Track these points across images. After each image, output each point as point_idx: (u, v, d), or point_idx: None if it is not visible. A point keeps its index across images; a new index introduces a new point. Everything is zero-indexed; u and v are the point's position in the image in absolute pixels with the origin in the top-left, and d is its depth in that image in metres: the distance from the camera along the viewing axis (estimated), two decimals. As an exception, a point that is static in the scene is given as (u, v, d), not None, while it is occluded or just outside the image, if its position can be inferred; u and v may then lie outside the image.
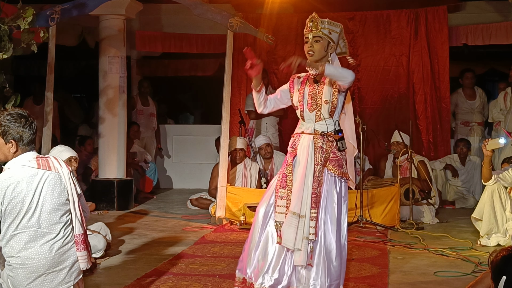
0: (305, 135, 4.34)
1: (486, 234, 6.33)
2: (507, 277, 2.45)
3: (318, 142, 4.27)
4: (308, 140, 4.29)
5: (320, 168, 4.23)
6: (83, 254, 3.66)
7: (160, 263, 5.55)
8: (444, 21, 9.56)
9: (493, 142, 6.10)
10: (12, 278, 3.58)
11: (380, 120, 9.63)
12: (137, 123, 10.12)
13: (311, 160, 4.24)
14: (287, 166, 4.34)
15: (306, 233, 4.16)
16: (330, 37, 4.32)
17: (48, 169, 3.62)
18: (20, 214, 3.53)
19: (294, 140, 4.40)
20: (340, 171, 4.29)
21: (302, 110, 4.37)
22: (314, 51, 4.31)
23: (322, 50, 4.32)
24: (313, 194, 4.20)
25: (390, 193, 7.41)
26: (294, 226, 4.16)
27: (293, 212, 4.19)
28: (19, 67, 12.38)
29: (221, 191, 7.42)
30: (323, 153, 4.25)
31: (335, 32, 4.35)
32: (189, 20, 10.16)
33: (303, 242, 4.14)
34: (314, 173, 4.21)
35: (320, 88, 4.33)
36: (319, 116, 4.30)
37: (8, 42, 5.94)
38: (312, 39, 4.32)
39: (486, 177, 6.27)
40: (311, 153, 4.25)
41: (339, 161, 4.30)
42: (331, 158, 4.27)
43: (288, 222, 4.19)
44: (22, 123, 3.60)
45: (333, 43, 4.35)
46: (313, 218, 4.18)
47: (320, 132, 4.29)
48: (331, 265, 4.20)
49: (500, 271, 2.48)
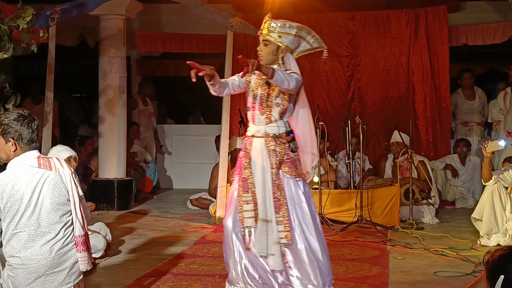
0: (256, 138, 4.27)
1: (486, 234, 6.33)
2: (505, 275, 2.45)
3: (271, 145, 4.21)
4: (261, 143, 4.23)
5: (276, 171, 4.18)
6: (83, 255, 3.67)
7: (160, 263, 5.55)
8: (444, 21, 9.55)
9: (493, 144, 6.08)
10: (12, 278, 3.58)
11: (380, 120, 9.63)
12: (138, 123, 10.12)
13: (267, 164, 4.19)
14: (244, 170, 4.25)
15: (276, 237, 4.12)
16: (280, 41, 4.25)
17: (49, 169, 3.63)
18: (19, 212, 3.54)
19: (245, 144, 4.33)
20: (296, 172, 4.24)
21: (253, 112, 4.31)
22: (262, 55, 4.29)
23: (271, 55, 4.27)
24: (274, 199, 4.15)
25: (390, 193, 7.41)
26: (264, 233, 4.14)
27: (262, 219, 4.16)
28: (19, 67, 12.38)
29: (221, 191, 7.41)
30: (277, 156, 4.20)
31: (288, 34, 4.27)
32: (189, 20, 10.16)
33: (274, 247, 4.11)
34: (271, 178, 4.17)
35: (271, 90, 4.27)
36: (270, 118, 4.24)
37: (8, 42, 5.94)
38: (262, 42, 4.29)
39: (486, 178, 6.27)
40: (266, 157, 4.20)
41: (294, 162, 4.25)
42: (286, 160, 4.22)
43: (259, 230, 4.16)
44: (20, 122, 3.62)
45: (285, 47, 4.28)
46: (280, 223, 4.13)
47: (271, 134, 4.22)
48: (320, 263, 4.17)
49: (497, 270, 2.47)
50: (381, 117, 9.66)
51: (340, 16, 9.77)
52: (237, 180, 4.30)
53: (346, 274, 5.22)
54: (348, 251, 6.06)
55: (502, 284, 2.44)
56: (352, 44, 9.71)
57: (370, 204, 7.28)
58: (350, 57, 9.72)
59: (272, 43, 4.26)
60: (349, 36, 9.72)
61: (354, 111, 8.92)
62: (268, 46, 4.28)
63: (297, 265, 4.17)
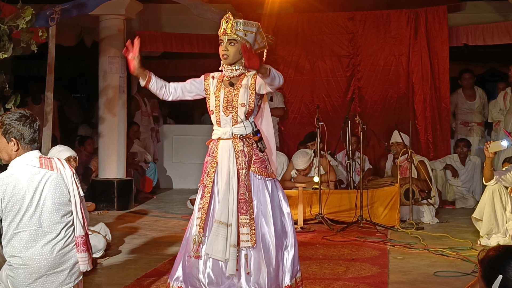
0: (223, 140, 4.19)
1: (486, 234, 6.33)
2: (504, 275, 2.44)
3: (239, 146, 4.14)
4: (228, 145, 4.16)
5: (245, 172, 4.11)
6: (83, 256, 3.67)
7: (160, 263, 5.55)
8: (444, 21, 9.55)
9: (496, 145, 6.08)
10: (12, 279, 3.58)
11: (380, 120, 9.63)
12: (140, 124, 10.12)
13: (233, 166, 4.10)
14: (206, 177, 4.20)
15: (234, 240, 3.98)
16: (245, 39, 4.17)
17: (50, 169, 3.64)
18: (20, 212, 3.55)
19: (211, 147, 4.26)
20: (266, 172, 4.17)
21: (218, 114, 4.21)
22: (229, 55, 4.16)
23: (237, 53, 4.16)
24: (241, 200, 4.06)
25: (390, 193, 7.41)
26: (222, 236, 4.00)
27: (220, 222, 4.03)
28: (19, 67, 12.39)
29: (221, 191, 7.40)
30: (245, 156, 4.13)
31: (250, 32, 4.22)
32: (189, 20, 10.16)
33: (230, 251, 3.98)
34: (240, 178, 4.09)
35: (236, 90, 4.17)
36: (236, 119, 4.16)
37: (7, 42, 5.93)
38: (227, 42, 4.17)
39: (488, 178, 6.26)
40: (233, 159, 4.11)
41: (263, 162, 4.18)
42: (255, 160, 4.15)
43: (215, 232, 4.02)
44: (22, 122, 3.64)
45: (249, 44, 4.19)
46: (245, 225, 4.03)
47: (239, 135, 4.15)
48: (270, 268, 4.02)
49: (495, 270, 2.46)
50: (381, 117, 9.66)
51: (340, 16, 9.77)
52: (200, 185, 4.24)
53: (346, 274, 5.22)
54: (348, 251, 6.06)
55: (500, 284, 2.44)
56: (352, 44, 9.71)
57: (370, 204, 7.28)
58: (350, 57, 9.72)
59: (238, 41, 4.15)
60: (349, 36, 9.72)
61: (354, 111, 8.93)
62: (234, 45, 4.16)
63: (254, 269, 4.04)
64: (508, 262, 2.46)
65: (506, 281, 2.44)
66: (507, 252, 2.50)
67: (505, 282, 2.43)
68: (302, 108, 9.80)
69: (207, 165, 4.24)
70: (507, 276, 2.44)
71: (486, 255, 2.54)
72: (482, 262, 2.54)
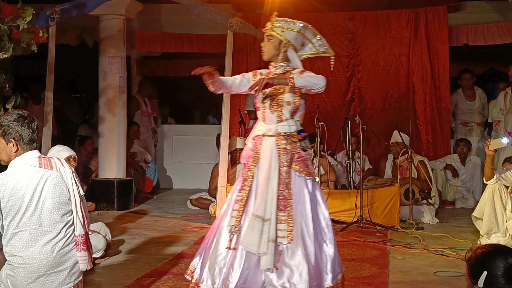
0: (267, 137, 4.26)
1: (486, 234, 6.33)
2: (488, 271, 2.49)
3: (282, 144, 4.20)
4: (271, 142, 4.22)
5: (287, 169, 4.16)
6: (83, 255, 3.67)
7: (160, 263, 5.55)
8: (444, 21, 9.55)
9: (496, 142, 6.08)
10: (13, 278, 3.58)
11: (380, 120, 9.63)
12: (140, 124, 10.12)
13: (275, 163, 4.15)
14: (248, 171, 4.25)
15: (272, 236, 4.01)
16: (283, 35, 4.30)
17: (50, 168, 3.65)
18: (20, 211, 3.55)
19: (255, 143, 4.31)
20: (307, 171, 4.21)
21: (264, 111, 4.32)
22: (264, 50, 4.33)
23: (273, 49, 4.30)
24: (280, 197, 4.10)
25: (390, 193, 7.41)
26: (258, 230, 4.03)
27: (256, 215, 4.06)
28: (19, 67, 12.39)
29: (221, 191, 7.41)
30: (287, 154, 4.18)
31: (290, 30, 4.34)
32: (189, 20, 10.16)
33: (268, 245, 4.00)
34: (280, 175, 4.13)
35: (282, 89, 4.26)
36: (281, 117, 4.25)
37: (8, 42, 5.94)
38: (265, 38, 4.34)
39: (488, 176, 6.26)
40: (275, 155, 4.16)
41: (305, 161, 4.24)
42: (297, 159, 4.21)
43: (250, 226, 4.06)
44: (20, 122, 3.65)
45: (287, 42, 4.32)
46: (282, 221, 4.06)
47: (282, 133, 4.23)
48: (310, 266, 4.04)
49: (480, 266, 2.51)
50: (381, 117, 9.66)
51: (340, 16, 9.76)
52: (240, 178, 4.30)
53: (346, 274, 5.20)
54: (348, 251, 6.06)
55: (485, 279, 2.49)
56: (352, 44, 9.71)
57: (370, 204, 7.28)
58: (350, 57, 9.72)
59: (274, 37, 4.30)
60: (349, 36, 9.72)
61: (354, 111, 8.92)
62: (270, 41, 4.30)
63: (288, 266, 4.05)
64: (493, 259, 2.52)
65: (491, 277, 2.49)
66: (493, 250, 2.57)
67: (490, 278, 2.49)
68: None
69: (250, 159, 4.29)
70: (492, 272, 2.49)
71: (472, 253, 2.61)
72: (469, 260, 2.61)
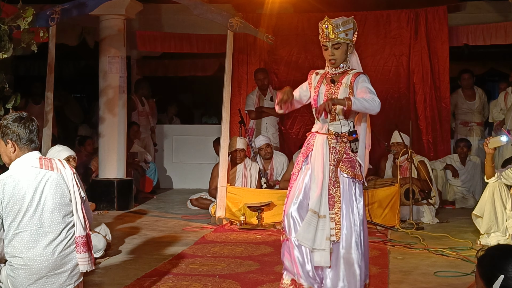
0: (319, 135, 4.31)
1: (486, 233, 6.33)
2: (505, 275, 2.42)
3: (332, 143, 4.24)
4: (322, 140, 4.26)
5: (333, 168, 4.21)
6: (83, 256, 3.67)
7: (160, 263, 5.55)
8: (444, 21, 9.55)
9: (495, 140, 6.09)
10: (13, 279, 3.58)
11: (380, 120, 9.61)
12: (138, 123, 10.11)
13: (326, 160, 4.20)
14: (296, 165, 4.35)
15: (328, 233, 4.11)
16: (347, 38, 4.27)
17: (50, 169, 3.65)
18: (20, 212, 3.55)
19: (308, 139, 4.39)
20: (353, 173, 4.24)
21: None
22: (336, 59, 4.27)
23: (343, 55, 4.29)
24: (329, 196, 4.18)
25: (390, 193, 7.41)
26: (313, 226, 4.12)
27: (313, 211, 4.14)
28: (19, 67, 12.39)
29: (221, 191, 7.42)
30: (336, 153, 4.22)
31: (350, 29, 4.30)
32: (189, 20, 10.16)
33: (325, 243, 4.10)
34: (329, 174, 4.19)
35: (336, 88, 4.28)
36: (334, 116, 4.25)
37: (8, 42, 5.94)
38: (332, 47, 4.26)
39: (489, 175, 6.26)
40: (326, 153, 4.22)
41: (352, 162, 4.26)
42: (344, 159, 4.24)
43: (308, 220, 4.14)
44: (17, 122, 3.66)
45: (351, 43, 4.32)
46: (332, 220, 4.15)
47: (334, 132, 4.25)
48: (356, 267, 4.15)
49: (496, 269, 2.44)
50: (381, 117, 9.64)
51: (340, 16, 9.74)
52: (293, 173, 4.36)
53: (346, 274, 5.21)
54: (348, 251, 6.05)
55: (502, 283, 2.42)
56: (352, 44, 9.69)
57: (370, 204, 7.27)
58: (350, 57, 9.70)
59: (342, 44, 4.25)
60: (349, 36, 9.70)
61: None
62: (339, 48, 4.26)
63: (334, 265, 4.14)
64: (509, 261, 2.45)
65: (508, 280, 2.42)
66: (507, 251, 2.49)
67: (507, 282, 2.42)
68: (302, 108, 9.77)
69: (301, 154, 4.36)
70: (509, 275, 2.42)
71: (485, 254, 2.53)
72: (482, 261, 2.52)
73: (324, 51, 4.32)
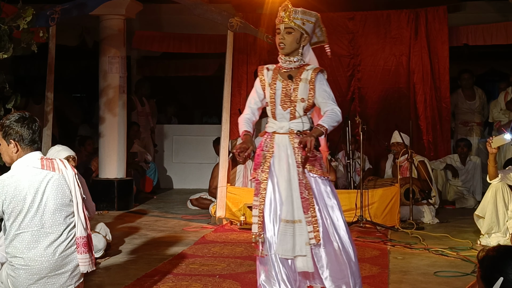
0: (278, 135, 4.04)
1: (487, 233, 6.33)
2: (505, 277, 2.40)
3: (295, 143, 3.98)
4: (285, 141, 4.01)
5: (302, 170, 3.97)
6: (83, 257, 3.67)
7: (160, 263, 5.55)
8: (444, 21, 9.55)
9: (498, 139, 6.06)
10: (13, 279, 3.58)
11: (380, 120, 9.63)
12: (138, 123, 10.12)
13: (293, 162, 3.97)
14: (261, 172, 4.06)
15: (306, 238, 3.91)
16: (303, 28, 4.03)
17: (52, 170, 3.65)
18: (22, 213, 3.55)
19: (265, 140, 4.11)
20: (321, 171, 4.04)
21: (273, 107, 4.07)
22: (286, 44, 4.02)
23: (294, 43, 4.03)
24: (302, 199, 3.95)
25: (390, 193, 7.41)
26: (290, 234, 3.92)
27: (286, 220, 3.93)
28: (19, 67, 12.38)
29: (221, 191, 7.42)
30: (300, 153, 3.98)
31: (309, 22, 4.08)
32: (189, 20, 10.17)
33: (305, 248, 3.90)
34: (298, 176, 3.96)
35: (295, 84, 4.03)
36: (294, 114, 4.01)
37: (8, 42, 5.94)
38: (284, 30, 4.02)
39: (492, 175, 6.25)
40: (291, 154, 3.97)
41: (318, 160, 4.05)
42: (310, 158, 4.00)
43: (282, 232, 3.94)
44: (21, 123, 3.65)
45: (307, 35, 4.07)
46: (309, 223, 3.93)
47: (295, 131, 4.00)
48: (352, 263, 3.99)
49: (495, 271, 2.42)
50: (381, 117, 9.66)
51: (340, 16, 9.76)
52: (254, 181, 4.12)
53: (346, 274, 5.21)
54: (348, 251, 6.05)
55: (502, 285, 2.40)
56: (352, 44, 9.71)
57: (370, 204, 7.28)
58: (350, 57, 9.72)
59: (296, 30, 4.02)
60: (349, 36, 9.72)
61: (354, 111, 8.92)
62: (291, 34, 4.01)
63: (330, 266, 3.98)
64: (509, 263, 2.43)
65: (507, 283, 2.40)
66: (507, 253, 2.47)
67: (506, 284, 2.40)
68: None
69: (261, 159, 4.09)
70: (508, 278, 2.40)
71: (486, 255, 2.50)
72: (482, 262, 2.50)
73: (276, 35, 4.09)
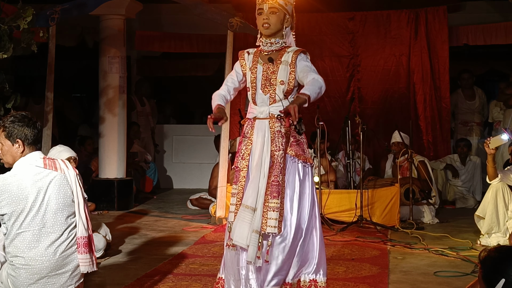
0: (259, 120, 3.94)
1: (487, 233, 6.33)
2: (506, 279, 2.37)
3: (276, 127, 3.89)
4: (264, 125, 3.91)
5: (282, 153, 3.85)
6: (84, 257, 3.68)
7: (160, 263, 5.55)
8: (444, 21, 9.56)
9: (496, 139, 6.07)
10: (14, 278, 3.59)
11: (380, 120, 9.63)
12: (138, 123, 10.12)
13: (267, 147, 3.84)
14: (241, 160, 3.97)
15: (257, 226, 3.74)
16: (286, 8, 3.94)
17: (54, 169, 3.66)
18: (24, 212, 3.56)
19: (246, 127, 4.01)
20: (304, 156, 3.93)
21: (254, 92, 3.98)
22: (270, 24, 3.93)
23: (278, 23, 3.94)
24: (274, 183, 3.81)
25: (390, 193, 7.41)
26: (247, 221, 3.77)
27: (246, 206, 3.80)
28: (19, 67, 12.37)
29: (221, 191, 7.42)
30: (282, 137, 3.88)
31: (290, 4, 3.98)
32: (189, 20, 10.17)
33: (252, 236, 3.74)
34: (276, 160, 3.83)
35: (275, 67, 3.93)
36: (274, 97, 3.91)
37: (8, 42, 5.94)
38: (268, 10, 3.93)
39: (491, 175, 6.25)
40: (267, 140, 3.86)
41: (301, 145, 3.95)
42: (292, 142, 3.91)
43: (240, 218, 3.80)
44: (25, 123, 3.67)
45: (289, 16, 3.98)
46: (275, 209, 3.78)
47: (276, 115, 3.87)
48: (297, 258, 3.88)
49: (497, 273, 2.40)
50: (381, 117, 9.66)
51: (340, 16, 9.77)
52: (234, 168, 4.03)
53: (346, 274, 5.22)
54: (348, 251, 6.06)
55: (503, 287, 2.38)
56: (352, 44, 9.71)
57: (370, 204, 7.28)
58: (350, 57, 9.72)
59: (279, 10, 3.93)
60: (349, 36, 9.72)
61: (354, 111, 8.92)
62: (276, 14, 3.93)
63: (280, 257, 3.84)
64: (511, 265, 2.41)
65: (509, 284, 2.38)
66: (510, 254, 2.45)
67: (508, 286, 2.38)
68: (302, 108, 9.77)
69: (241, 146, 4.02)
70: (510, 279, 2.38)
71: (488, 256, 2.48)
72: (484, 263, 2.48)
73: (258, 16, 3.99)
